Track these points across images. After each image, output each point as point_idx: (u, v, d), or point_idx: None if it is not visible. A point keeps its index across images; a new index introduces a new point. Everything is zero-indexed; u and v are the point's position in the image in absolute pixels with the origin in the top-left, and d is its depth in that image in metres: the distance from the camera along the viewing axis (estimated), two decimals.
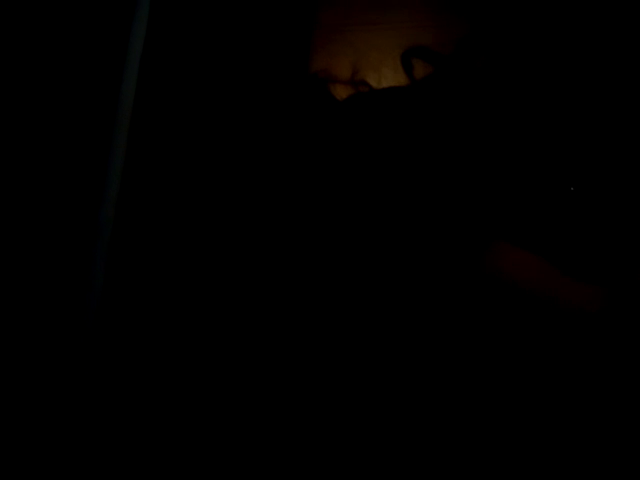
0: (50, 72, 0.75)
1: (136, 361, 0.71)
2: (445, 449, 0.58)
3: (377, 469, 0.59)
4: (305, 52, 0.89)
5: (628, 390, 0.54)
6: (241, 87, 0.82)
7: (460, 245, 0.58)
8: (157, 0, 0.79)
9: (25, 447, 0.67)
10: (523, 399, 0.56)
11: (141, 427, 0.68)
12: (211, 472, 0.65)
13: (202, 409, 0.67)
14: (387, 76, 0.84)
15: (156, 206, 0.75)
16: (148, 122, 0.77)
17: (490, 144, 0.62)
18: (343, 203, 0.66)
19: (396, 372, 0.60)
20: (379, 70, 0.85)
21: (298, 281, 0.66)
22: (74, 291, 0.71)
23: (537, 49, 0.66)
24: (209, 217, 0.75)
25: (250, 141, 0.78)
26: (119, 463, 0.67)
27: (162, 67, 0.79)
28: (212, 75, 0.82)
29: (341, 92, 0.78)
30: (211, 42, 0.83)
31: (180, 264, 0.73)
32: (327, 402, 0.62)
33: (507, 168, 0.60)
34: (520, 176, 0.60)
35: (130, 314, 0.72)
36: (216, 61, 0.82)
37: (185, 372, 0.69)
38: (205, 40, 0.83)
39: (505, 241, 0.58)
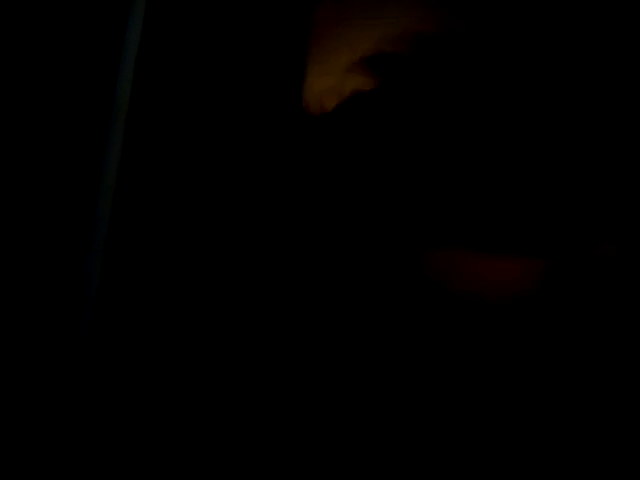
0: (45, 65, 0.74)
1: (134, 359, 0.71)
2: (445, 449, 0.58)
3: (377, 469, 0.60)
4: (301, 49, 0.89)
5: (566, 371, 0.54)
6: (237, 83, 0.82)
7: (395, 248, 0.58)
8: None
9: (22, 449, 0.66)
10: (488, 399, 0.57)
11: (140, 428, 0.68)
12: (211, 472, 0.65)
13: (202, 409, 0.67)
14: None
15: (154, 201, 0.75)
16: (145, 115, 0.77)
17: (484, 143, 0.62)
18: (340, 202, 0.66)
19: (396, 374, 0.60)
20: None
21: (296, 280, 0.66)
22: (70, 287, 0.71)
23: (537, 47, 0.66)
24: (208, 212, 0.75)
25: (247, 137, 0.78)
26: (118, 464, 0.67)
27: (158, 62, 0.79)
28: (207, 70, 0.82)
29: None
30: (205, 37, 0.82)
31: (178, 260, 0.73)
32: (327, 402, 0.62)
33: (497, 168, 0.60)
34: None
35: (128, 311, 0.72)
36: (211, 56, 0.82)
37: (184, 370, 0.69)
38: (199, 33, 0.82)
39: (435, 244, 0.57)
